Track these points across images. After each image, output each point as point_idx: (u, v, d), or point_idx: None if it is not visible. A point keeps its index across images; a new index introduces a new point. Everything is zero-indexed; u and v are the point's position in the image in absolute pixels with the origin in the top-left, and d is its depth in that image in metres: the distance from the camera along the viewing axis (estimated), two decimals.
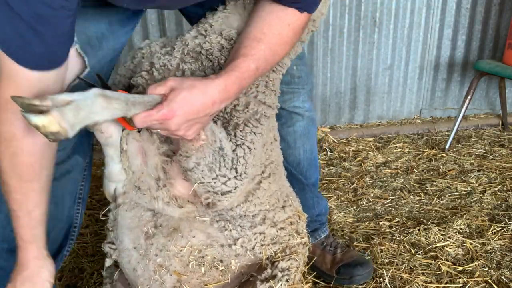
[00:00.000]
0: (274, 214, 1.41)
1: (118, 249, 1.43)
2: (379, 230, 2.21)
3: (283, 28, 1.21)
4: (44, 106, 0.89)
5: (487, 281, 1.83)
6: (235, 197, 1.30)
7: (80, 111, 0.93)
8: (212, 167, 1.21)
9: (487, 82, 3.60)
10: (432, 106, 3.66)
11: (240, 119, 1.27)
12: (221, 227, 1.34)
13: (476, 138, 3.28)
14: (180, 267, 1.33)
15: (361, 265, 1.83)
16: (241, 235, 1.35)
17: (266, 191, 1.38)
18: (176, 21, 3.13)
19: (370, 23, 3.34)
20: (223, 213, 1.34)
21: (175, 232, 1.33)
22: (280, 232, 1.41)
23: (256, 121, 1.28)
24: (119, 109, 0.99)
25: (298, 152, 1.81)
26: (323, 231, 1.95)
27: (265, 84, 1.35)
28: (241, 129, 1.26)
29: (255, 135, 1.27)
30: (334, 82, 3.48)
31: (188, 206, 1.33)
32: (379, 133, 3.47)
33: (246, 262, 1.37)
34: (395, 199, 2.52)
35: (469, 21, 3.43)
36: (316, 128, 1.98)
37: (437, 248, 2.03)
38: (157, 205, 1.34)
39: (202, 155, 1.20)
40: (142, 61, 1.34)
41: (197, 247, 1.32)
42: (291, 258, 1.39)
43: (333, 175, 2.84)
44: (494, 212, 2.33)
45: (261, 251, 1.37)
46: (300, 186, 1.62)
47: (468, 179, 2.68)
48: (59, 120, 0.90)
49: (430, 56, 3.51)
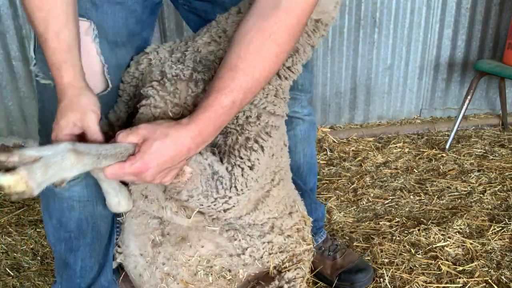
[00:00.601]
0: (282, 222, 1.39)
1: (124, 253, 1.42)
2: (379, 230, 2.21)
3: (263, 44, 1.07)
4: (10, 162, 0.85)
5: (487, 281, 1.83)
6: (239, 209, 1.27)
7: (49, 168, 0.89)
8: (207, 194, 1.18)
9: (487, 82, 3.60)
10: (432, 106, 3.66)
11: (252, 133, 1.21)
12: (230, 237, 1.32)
13: (476, 138, 3.28)
14: (187, 276, 1.32)
15: (361, 271, 1.83)
16: (250, 245, 1.33)
17: (275, 198, 1.36)
18: (176, 21, 3.13)
19: (370, 23, 3.34)
20: (232, 222, 1.31)
21: (184, 242, 1.31)
22: (288, 240, 1.40)
23: (266, 134, 1.23)
24: (90, 164, 0.96)
25: (298, 156, 1.79)
26: (320, 236, 1.94)
27: (275, 93, 1.28)
28: (250, 145, 1.20)
29: (262, 151, 1.21)
30: (334, 82, 3.48)
31: (196, 215, 1.30)
32: (379, 133, 3.46)
33: (253, 271, 1.36)
34: (395, 199, 2.52)
35: (469, 21, 3.43)
36: (316, 132, 1.97)
37: (437, 248, 2.03)
38: (166, 214, 1.31)
39: (193, 186, 1.16)
40: (152, 69, 1.27)
41: (205, 257, 1.31)
42: (298, 268, 1.38)
43: (333, 175, 2.84)
44: (494, 212, 2.33)
45: (269, 259, 1.36)
46: (299, 192, 1.62)
47: (468, 179, 2.68)
48: (26, 180, 0.85)
49: (430, 56, 3.51)
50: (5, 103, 3.15)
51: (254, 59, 1.08)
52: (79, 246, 1.46)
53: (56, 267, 1.54)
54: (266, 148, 1.22)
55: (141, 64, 1.30)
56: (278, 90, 1.28)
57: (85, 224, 1.44)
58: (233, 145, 1.19)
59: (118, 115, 1.30)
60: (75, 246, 1.46)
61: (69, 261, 1.47)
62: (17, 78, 3.10)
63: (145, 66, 1.30)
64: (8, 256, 2.12)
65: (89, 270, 1.49)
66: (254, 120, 1.22)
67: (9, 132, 3.25)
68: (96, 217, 1.44)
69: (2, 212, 2.50)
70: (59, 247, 1.47)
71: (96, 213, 1.43)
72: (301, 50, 1.30)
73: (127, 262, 1.41)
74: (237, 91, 1.07)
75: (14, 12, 2.91)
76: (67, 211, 1.40)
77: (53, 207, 1.41)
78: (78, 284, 1.50)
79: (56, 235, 1.45)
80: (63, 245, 1.46)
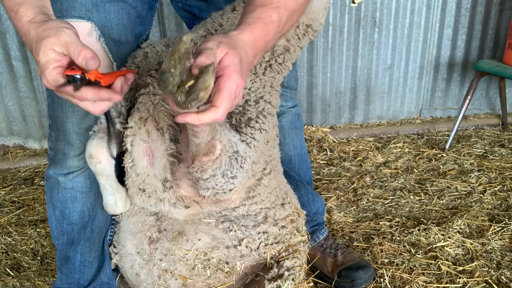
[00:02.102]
0: (274, 212, 1.41)
1: (120, 253, 1.42)
2: (379, 230, 2.21)
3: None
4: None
5: (487, 281, 1.83)
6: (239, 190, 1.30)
7: None
8: (226, 173, 1.20)
9: (487, 82, 3.60)
10: (432, 106, 3.66)
11: (253, 114, 1.28)
12: (226, 228, 1.34)
13: (476, 138, 3.28)
14: (185, 271, 1.33)
15: (362, 269, 1.83)
16: (246, 235, 1.35)
17: (266, 188, 1.39)
18: (176, 21, 3.13)
19: (370, 23, 3.34)
20: (227, 214, 1.34)
21: (180, 236, 1.32)
22: (282, 230, 1.42)
23: (263, 117, 1.30)
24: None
25: (288, 148, 1.83)
26: (321, 232, 1.95)
27: (270, 84, 1.37)
28: (252, 125, 1.26)
29: (260, 132, 1.28)
30: (334, 82, 3.48)
31: (194, 206, 1.32)
32: (379, 133, 3.47)
33: (250, 263, 1.37)
34: (395, 199, 2.52)
35: (469, 21, 3.43)
36: (303, 122, 2.01)
37: (437, 248, 2.03)
38: (164, 207, 1.33)
39: (218, 165, 1.17)
40: (149, 61, 1.32)
41: (202, 250, 1.32)
42: (295, 257, 1.40)
43: (333, 175, 2.84)
44: (494, 212, 2.33)
45: (265, 250, 1.38)
46: (294, 183, 1.63)
47: (468, 179, 2.68)
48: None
49: (430, 56, 3.51)
50: (5, 103, 3.15)
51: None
52: (80, 239, 1.49)
53: (57, 262, 1.57)
54: (263, 130, 1.29)
55: (137, 58, 1.35)
56: (273, 83, 1.38)
57: (87, 216, 1.47)
58: (239, 124, 1.25)
59: (119, 110, 1.32)
60: (76, 240, 1.48)
61: (69, 255, 1.50)
62: (17, 78, 3.10)
63: (141, 59, 1.34)
64: (8, 256, 2.12)
65: (89, 265, 1.51)
66: (253, 104, 1.29)
67: (9, 132, 3.26)
68: (97, 209, 1.47)
69: (2, 212, 2.50)
70: (61, 240, 1.50)
71: (97, 205, 1.46)
72: (291, 50, 1.40)
73: (123, 262, 1.41)
74: (281, 8, 1.03)
75: None
76: (70, 202, 1.44)
77: (57, 198, 1.45)
78: (77, 280, 1.52)
79: (58, 228, 1.48)
80: (65, 238, 1.49)
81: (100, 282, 1.54)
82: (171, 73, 0.82)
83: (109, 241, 1.55)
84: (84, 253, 1.50)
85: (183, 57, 0.83)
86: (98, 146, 1.26)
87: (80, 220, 1.47)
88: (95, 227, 1.50)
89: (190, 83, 0.83)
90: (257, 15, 0.99)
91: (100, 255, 1.53)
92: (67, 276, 1.53)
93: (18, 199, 2.64)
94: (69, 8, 1.20)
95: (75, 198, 1.43)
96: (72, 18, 1.20)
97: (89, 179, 1.42)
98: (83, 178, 1.41)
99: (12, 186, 2.83)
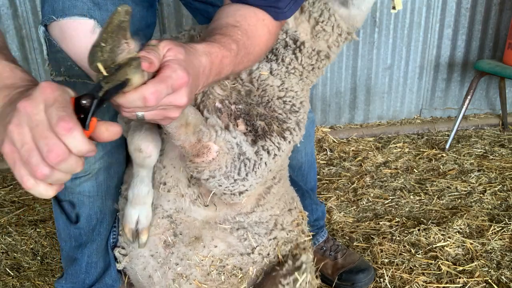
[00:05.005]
0: (283, 219, 1.42)
1: (130, 255, 1.41)
2: (379, 230, 2.21)
3: (258, 22, 1.07)
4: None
5: (487, 281, 1.83)
6: (252, 194, 1.28)
7: None
8: (229, 175, 1.16)
9: (487, 82, 3.60)
10: (432, 106, 3.66)
11: (293, 124, 1.23)
12: (240, 236, 1.34)
13: (476, 138, 3.28)
14: (200, 276, 1.33)
15: (363, 272, 1.83)
16: (258, 243, 1.36)
17: (275, 195, 1.38)
18: (176, 21, 3.13)
19: (370, 23, 3.34)
20: (241, 220, 1.33)
21: (197, 242, 1.32)
22: (290, 234, 1.44)
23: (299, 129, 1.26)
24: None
25: (300, 155, 1.80)
26: (321, 235, 1.95)
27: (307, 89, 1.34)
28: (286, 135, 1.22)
29: (288, 143, 1.23)
30: (334, 82, 3.48)
31: (211, 206, 1.31)
32: (379, 133, 3.46)
33: (261, 267, 1.39)
34: (395, 199, 2.52)
35: (469, 21, 3.43)
36: (315, 129, 1.99)
37: (437, 248, 2.03)
38: (184, 203, 1.31)
39: (216, 166, 1.14)
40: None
41: (218, 257, 1.32)
42: (306, 253, 1.43)
43: (333, 175, 2.84)
44: (494, 212, 2.33)
45: (275, 254, 1.39)
46: (299, 193, 1.62)
47: (468, 179, 2.67)
48: None
49: (430, 56, 3.51)
50: None
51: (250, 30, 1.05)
52: (87, 242, 1.49)
53: (63, 261, 1.57)
54: (293, 142, 1.25)
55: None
56: (307, 89, 1.34)
57: (94, 219, 1.46)
58: (271, 131, 1.20)
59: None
60: (83, 243, 1.49)
61: (76, 257, 1.50)
62: None
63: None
64: (8, 256, 2.12)
65: (94, 266, 1.52)
66: (297, 109, 1.23)
67: None
68: (105, 212, 1.47)
69: (2, 212, 2.50)
70: (69, 243, 1.50)
71: (105, 208, 1.46)
72: (332, 58, 1.36)
73: (134, 264, 1.40)
74: (240, 43, 1.02)
75: (14, 12, 2.91)
76: (77, 206, 1.43)
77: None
78: (83, 280, 1.53)
79: (66, 231, 1.48)
80: (73, 242, 1.49)
81: (104, 284, 1.54)
82: (100, 47, 0.73)
83: (112, 243, 1.55)
84: (91, 255, 1.50)
85: (115, 30, 0.73)
86: (148, 139, 1.16)
87: (87, 224, 1.46)
88: (102, 230, 1.49)
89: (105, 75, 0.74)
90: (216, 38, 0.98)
91: (105, 256, 1.54)
92: (72, 276, 1.54)
93: (18, 199, 2.64)
94: (71, 6, 1.20)
95: (82, 203, 1.42)
96: (74, 16, 1.19)
97: (96, 184, 1.40)
98: (90, 182, 1.40)
99: (12, 186, 2.83)
